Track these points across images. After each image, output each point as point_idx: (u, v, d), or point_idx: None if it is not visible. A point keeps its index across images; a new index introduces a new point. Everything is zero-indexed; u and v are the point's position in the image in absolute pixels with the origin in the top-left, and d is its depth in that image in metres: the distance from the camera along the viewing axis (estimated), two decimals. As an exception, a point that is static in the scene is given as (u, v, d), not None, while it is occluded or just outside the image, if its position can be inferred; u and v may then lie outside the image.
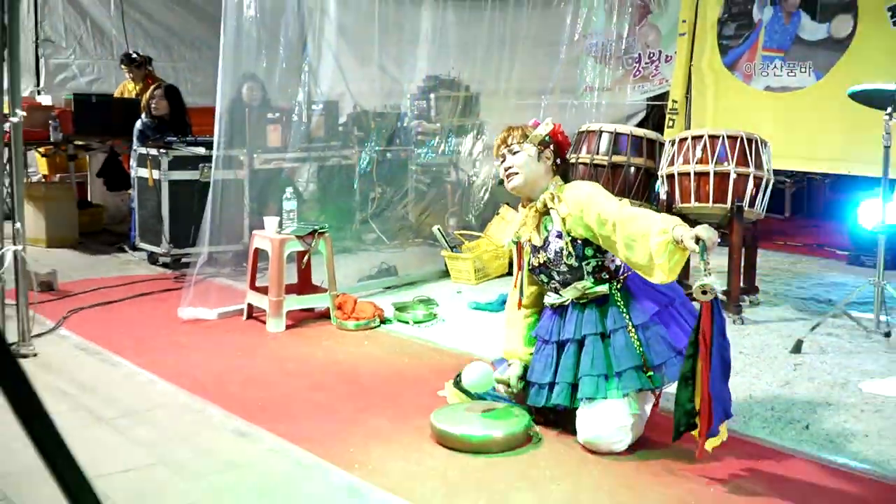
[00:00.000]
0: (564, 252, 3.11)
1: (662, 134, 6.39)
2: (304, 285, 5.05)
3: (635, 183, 5.34)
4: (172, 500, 2.69)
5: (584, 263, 3.14)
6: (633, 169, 5.37)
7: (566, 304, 3.20)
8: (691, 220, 5.11)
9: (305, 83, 6.24)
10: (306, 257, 4.93)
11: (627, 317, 3.08)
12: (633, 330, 3.05)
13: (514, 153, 3.20)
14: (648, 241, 2.81)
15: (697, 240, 2.70)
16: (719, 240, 2.76)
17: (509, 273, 5.90)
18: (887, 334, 4.44)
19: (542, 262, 3.21)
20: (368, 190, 6.72)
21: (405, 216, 7.01)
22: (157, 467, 2.93)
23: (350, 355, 4.28)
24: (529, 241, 3.24)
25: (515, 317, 3.41)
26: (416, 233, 6.96)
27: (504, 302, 5.11)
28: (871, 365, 4.13)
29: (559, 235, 3.13)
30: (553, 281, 3.22)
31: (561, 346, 3.18)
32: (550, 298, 3.24)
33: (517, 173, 3.19)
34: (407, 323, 4.82)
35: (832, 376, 3.97)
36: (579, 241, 3.12)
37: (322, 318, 4.90)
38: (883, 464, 3.01)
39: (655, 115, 7.81)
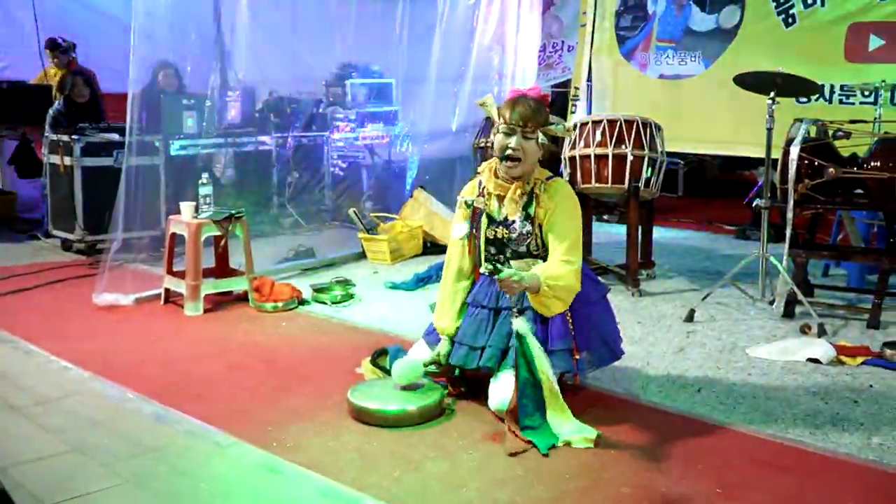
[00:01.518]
0: (532, 238, 3.09)
1: (566, 119, 6.46)
2: (222, 269, 4.93)
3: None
4: (88, 486, 2.57)
5: (543, 247, 3.14)
6: (539, 153, 5.37)
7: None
8: (592, 199, 5.28)
9: (221, 69, 6.06)
10: (223, 241, 4.83)
11: None
12: (569, 314, 3.05)
13: (528, 138, 3.06)
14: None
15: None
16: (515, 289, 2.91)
17: (424, 252, 6.03)
18: (771, 302, 4.55)
19: (499, 236, 3.14)
20: (285, 175, 6.62)
21: (322, 200, 6.91)
22: (72, 454, 2.80)
23: (268, 337, 4.20)
24: (486, 210, 3.14)
25: (454, 289, 3.28)
26: (333, 215, 6.88)
27: (420, 280, 5.23)
28: (757, 331, 4.24)
29: (527, 219, 3.08)
30: (501, 255, 3.16)
31: (497, 312, 3.13)
32: (489, 266, 3.12)
33: (520, 160, 3.06)
34: (325, 303, 4.75)
35: (722, 342, 4.06)
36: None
37: (240, 301, 4.80)
38: (770, 423, 3.09)
39: (559, 102, 7.80)
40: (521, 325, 2.91)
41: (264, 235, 6.19)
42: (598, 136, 5.01)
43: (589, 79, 6.70)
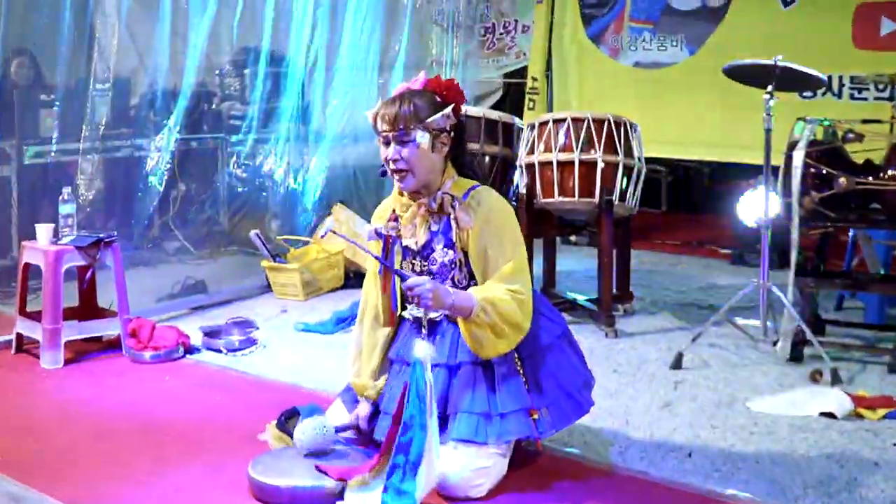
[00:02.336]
0: (456, 269, 3.07)
1: (521, 117, 6.46)
2: (88, 309, 4.87)
3: (490, 175, 5.36)
4: None
5: (471, 282, 3.11)
6: (486, 159, 5.40)
7: (438, 319, 3.14)
8: (555, 216, 5.35)
9: (89, 57, 5.94)
10: (89, 273, 4.77)
11: None
12: (520, 362, 3.04)
13: (405, 142, 3.00)
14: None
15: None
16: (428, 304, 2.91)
17: (346, 286, 6.00)
18: (775, 343, 4.61)
19: (417, 271, 3.12)
20: (169, 188, 6.51)
21: (216, 219, 6.89)
22: None
23: (147, 394, 4.14)
24: (399, 238, 3.13)
25: (371, 338, 3.28)
26: (229, 239, 6.86)
27: (341, 321, 5.19)
28: (759, 378, 4.29)
29: (449, 245, 3.07)
30: None
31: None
32: (415, 310, 3.14)
33: (408, 171, 3.01)
34: (219, 351, 4.71)
35: (717, 394, 4.09)
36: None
37: (111, 349, 4.75)
38: (776, 493, 3.11)
39: (514, 95, 7.92)
40: (422, 350, 2.86)
41: (143, 265, 6.15)
42: (562, 139, 5.06)
43: (549, 67, 6.74)
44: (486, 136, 5.40)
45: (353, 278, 6.03)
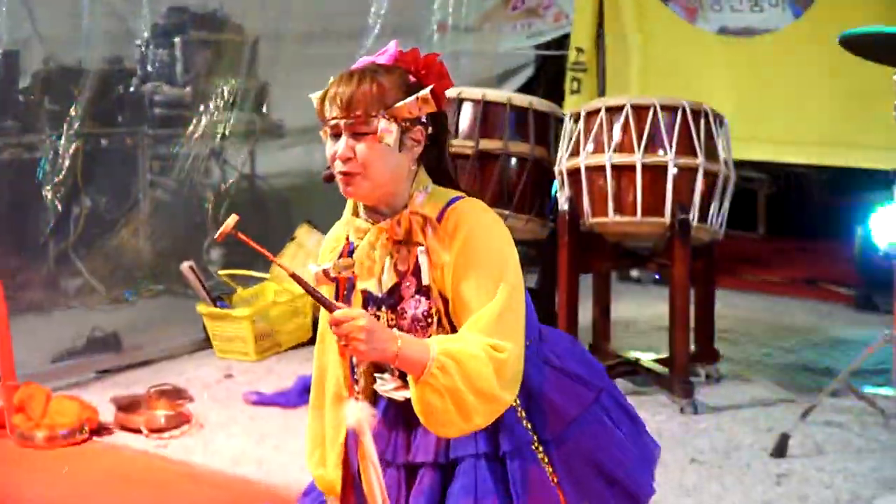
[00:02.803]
0: (433, 324, 2.91)
1: (561, 104, 6.43)
2: (-42, 372, 4.85)
3: (518, 184, 5.35)
4: None
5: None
6: (513, 161, 5.39)
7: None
8: (609, 242, 5.31)
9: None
10: (-40, 323, 4.77)
11: (530, 426, 2.96)
12: (541, 448, 2.94)
13: (362, 134, 2.88)
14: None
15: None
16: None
17: (314, 340, 5.77)
18: (916, 420, 4.62)
19: (385, 324, 2.97)
20: (70, 202, 6.51)
21: (134, 247, 6.86)
22: None
23: (40, 491, 4.15)
24: (355, 278, 2.97)
25: (336, 417, 3.12)
26: (152, 274, 6.83)
27: (308, 390, 5.01)
28: (890, 469, 4.27)
29: (422, 291, 2.92)
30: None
31: (411, 471, 3.00)
32: (386, 384, 3.02)
33: (360, 174, 2.85)
34: (139, 432, 4.71)
35: (834, 491, 4.08)
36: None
37: (-10, 428, 4.71)
38: None
39: (550, 73, 7.94)
40: (354, 412, 2.80)
41: (33, 311, 6.15)
42: (618, 135, 5.07)
43: (600, 34, 6.80)
44: (512, 131, 5.38)
45: (325, 330, 6.10)
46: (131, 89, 7.04)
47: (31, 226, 6.20)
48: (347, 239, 3.03)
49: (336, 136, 2.88)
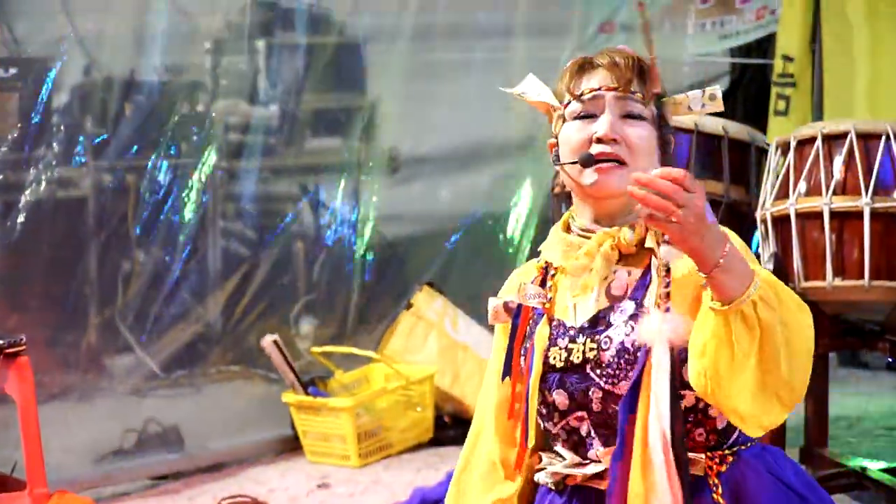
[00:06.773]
0: (640, 353, 2.89)
1: (764, 129, 6.30)
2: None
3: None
4: None
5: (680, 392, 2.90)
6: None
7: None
8: (828, 314, 5.12)
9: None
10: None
11: None
12: None
13: (635, 117, 2.90)
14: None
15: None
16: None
17: (437, 441, 6.00)
18: None
19: (576, 361, 2.87)
20: (119, 256, 6.49)
21: (202, 315, 6.69)
22: None
23: None
24: (546, 310, 2.91)
25: (485, 499, 3.08)
26: (226, 349, 6.80)
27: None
28: None
29: (634, 318, 2.84)
30: (582, 420, 2.89)
31: None
32: (555, 466, 2.90)
33: (627, 163, 2.86)
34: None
35: None
36: None
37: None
38: None
39: (749, 87, 7.89)
40: (667, 252, 2.75)
41: (71, 395, 6.16)
42: (840, 172, 4.84)
43: (815, 39, 6.45)
44: (700, 164, 5.35)
45: (452, 426, 6.16)
46: (198, 108, 6.96)
47: (72, 287, 6.22)
48: (545, 267, 3.08)
49: (585, 116, 2.98)
